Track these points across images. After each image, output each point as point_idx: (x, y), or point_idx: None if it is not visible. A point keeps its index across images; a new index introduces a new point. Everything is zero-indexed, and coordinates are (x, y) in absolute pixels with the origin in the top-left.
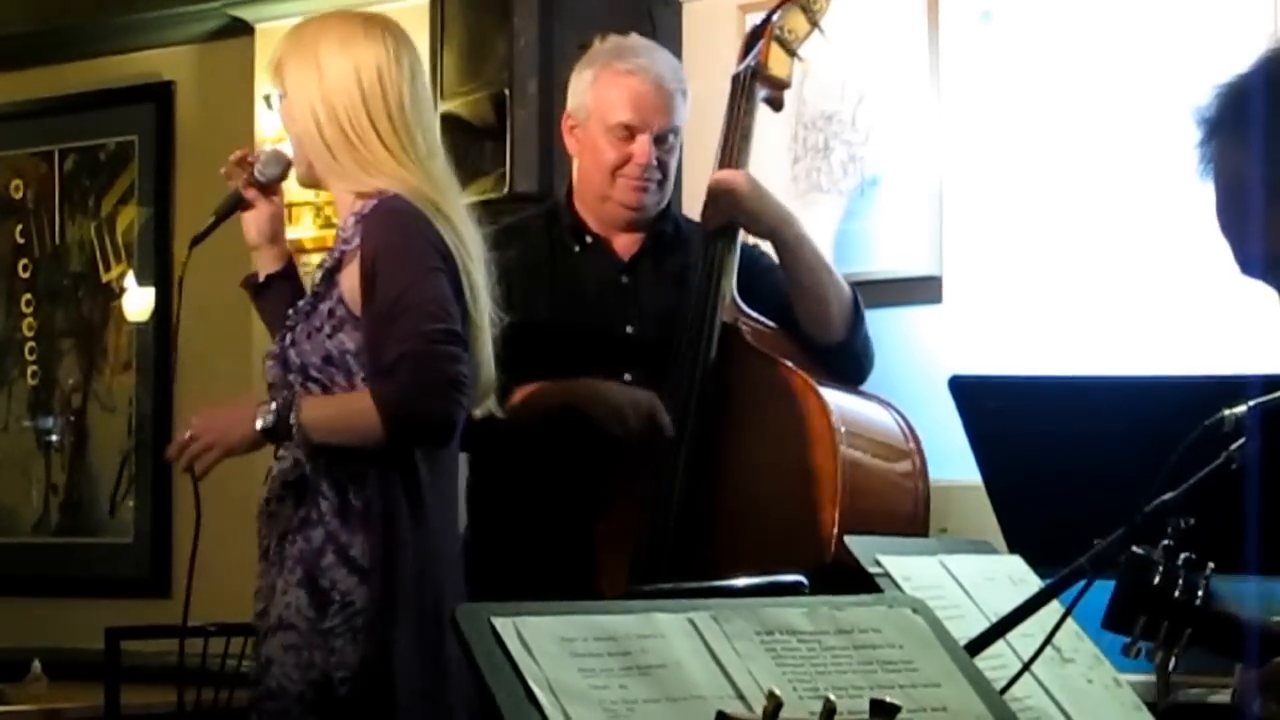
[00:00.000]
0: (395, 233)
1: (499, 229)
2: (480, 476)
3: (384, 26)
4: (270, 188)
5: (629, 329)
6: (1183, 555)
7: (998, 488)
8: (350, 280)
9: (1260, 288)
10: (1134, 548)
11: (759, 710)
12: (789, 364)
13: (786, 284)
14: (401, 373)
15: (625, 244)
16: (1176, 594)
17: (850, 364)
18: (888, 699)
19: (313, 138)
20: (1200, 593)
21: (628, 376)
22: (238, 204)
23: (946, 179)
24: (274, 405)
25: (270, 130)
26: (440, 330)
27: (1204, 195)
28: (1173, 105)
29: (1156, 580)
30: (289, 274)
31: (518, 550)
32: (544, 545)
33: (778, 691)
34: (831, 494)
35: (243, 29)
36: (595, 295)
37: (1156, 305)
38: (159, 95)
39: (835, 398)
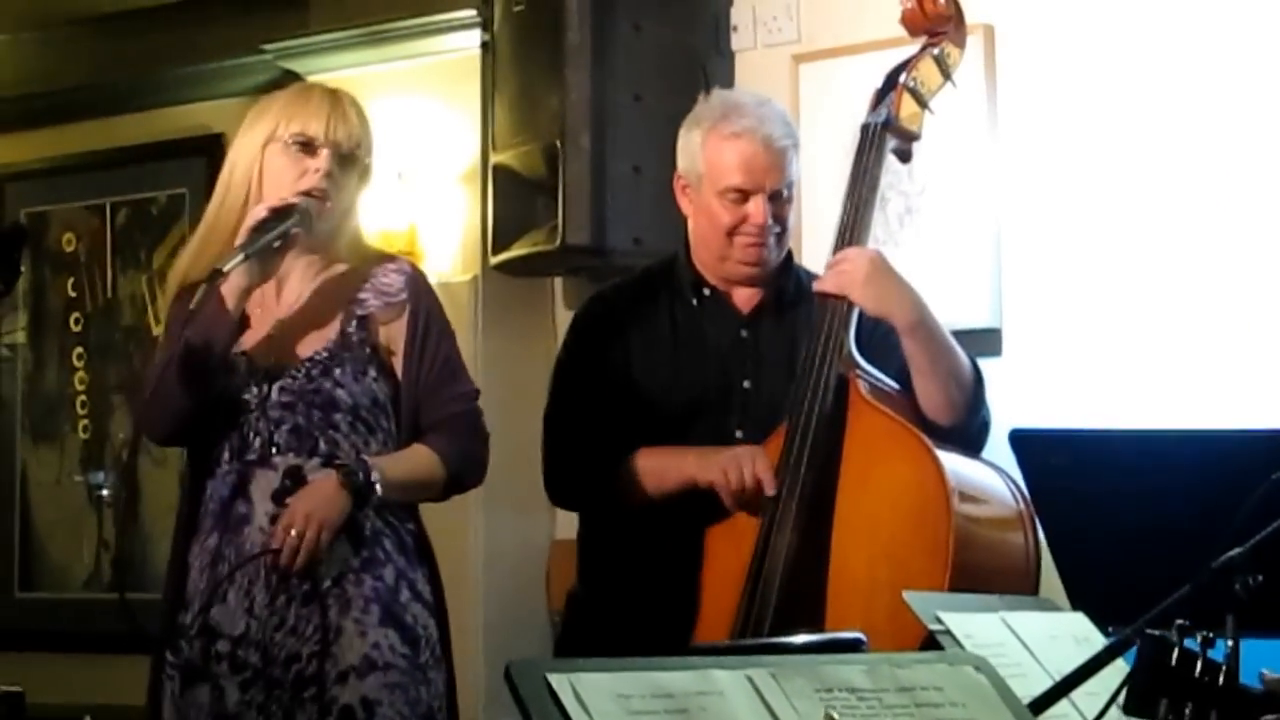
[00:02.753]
0: (435, 297)
1: (617, 282)
2: (590, 528)
3: None
4: None
5: (746, 384)
6: (1200, 633)
7: (1060, 543)
8: (391, 332)
9: None
10: (1148, 629)
11: None
12: (904, 421)
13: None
14: (456, 431)
15: (745, 298)
16: (1197, 673)
17: (962, 445)
18: None
19: (354, 205)
20: (1224, 670)
21: (739, 434)
22: (279, 241)
23: (1005, 230)
24: (351, 468)
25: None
26: (475, 390)
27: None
28: (1239, 152)
29: (1174, 661)
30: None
31: (624, 602)
32: (650, 597)
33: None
34: (944, 556)
35: (293, 81)
36: (714, 350)
37: (1221, 357)
38: (209, 148)
39: (949, 458)
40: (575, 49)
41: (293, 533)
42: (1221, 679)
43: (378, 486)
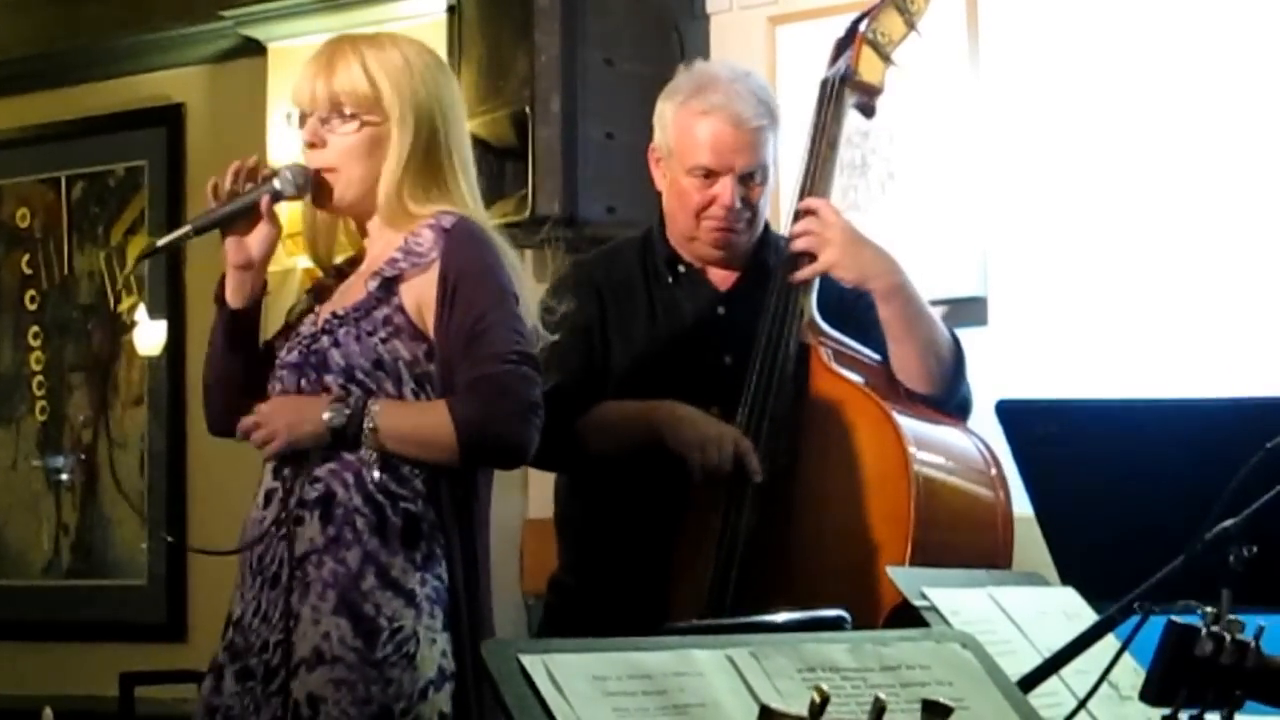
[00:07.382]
0: (478, 253)
1: (594, 255)
2: (568, 509)
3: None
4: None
5: (727, 359)
6: (1227, 618)
7: (1049, 517)
8: (418, 292)
9: None
10: (1173, 617)
11: None
12: (864, 388)
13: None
14: (480, 392)
15: (722, 274)
16: (1223, 659)
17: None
18: (941, 700)
19: (389, 162)
20: (1250, 652)
21: (714, 410)
22: (244, 213)
23: (990, 196)
24: (347, 405)
25: (284, 152)
26: (519, 353)
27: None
28: (1228, 119)
29: (1198, 650)
30: (254, 311)
31: (604, 584)
32: (628, 578)
33: (825, 688)
34: (905, 526)
35: (254, 49)
36: (691, 326)
37: (1210, 324)
38: (169, 118)
39: (911, 424)
40: (544, 10)
41: (252, 420)
42: (1249, 661)
43: (367, 428)
